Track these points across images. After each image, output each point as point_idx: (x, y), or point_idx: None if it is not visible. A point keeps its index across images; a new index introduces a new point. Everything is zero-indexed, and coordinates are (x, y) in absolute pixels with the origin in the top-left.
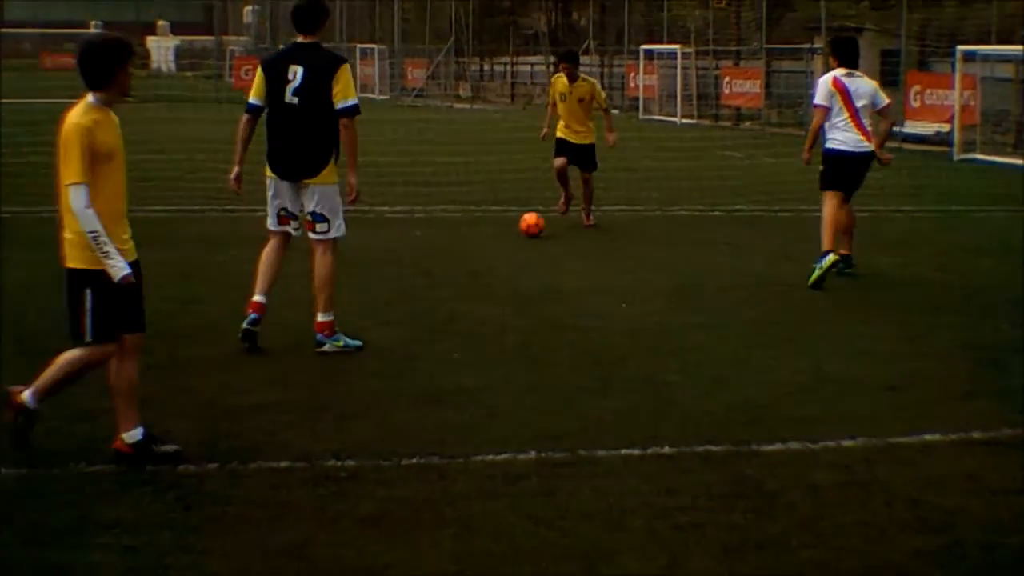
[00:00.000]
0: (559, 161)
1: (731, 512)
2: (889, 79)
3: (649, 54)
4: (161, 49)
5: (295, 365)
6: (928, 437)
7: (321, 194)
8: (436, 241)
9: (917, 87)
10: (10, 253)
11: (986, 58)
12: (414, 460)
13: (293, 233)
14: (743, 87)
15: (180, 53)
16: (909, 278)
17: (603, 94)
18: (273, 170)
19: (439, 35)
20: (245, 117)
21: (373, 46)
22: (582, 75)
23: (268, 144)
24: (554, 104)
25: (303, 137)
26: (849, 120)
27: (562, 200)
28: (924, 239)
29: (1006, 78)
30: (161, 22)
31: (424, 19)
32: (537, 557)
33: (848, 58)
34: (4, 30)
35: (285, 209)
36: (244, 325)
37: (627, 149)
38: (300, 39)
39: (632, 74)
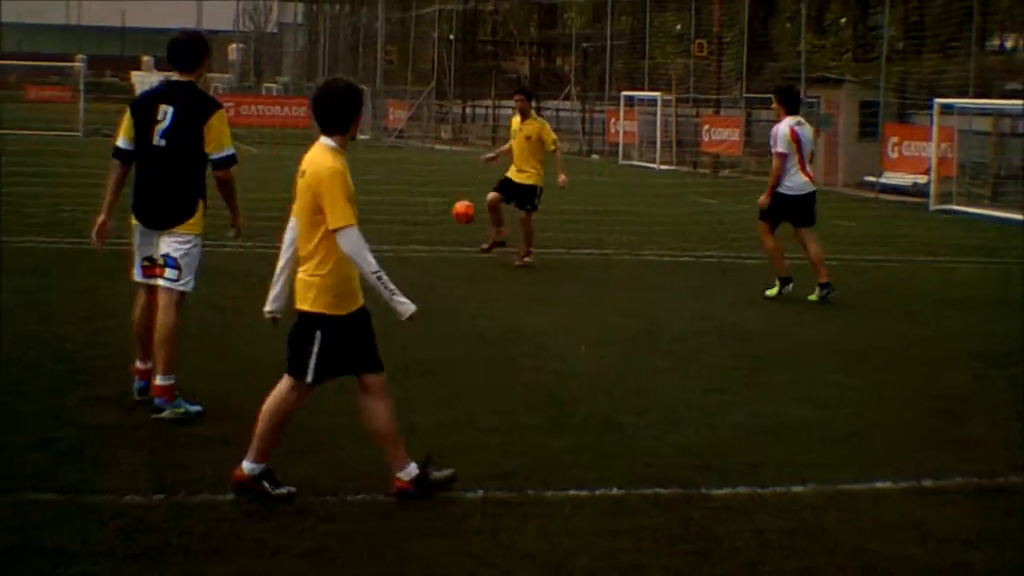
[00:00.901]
0: (492, 195)
1: (674, 555)
2: (868, 130)
3: (630, 100)
4: (145, 84)
5: (246, 398)
6: (879, 485)
7: (177, 242)
8: (403, 280)
9: (895, 138)
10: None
11: (964, 111)
12: (359, 496)
13: (154, 283)
14: (722, 135)
15: None
16: (874, 327)
17: (552, 135)
18: (137, 217)
19: (421, 77)
20: (116, 163)
21: None
22: (533, 115)
23: (134, 188)
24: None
25: (170, 183)
26: (798, 165)
27: (491, 235)
28: (892, 289)
29: (984, 131)
30: (146, 57)
31: (407, 61)
32: None
33: (795, 106)
34: None
35: (150, 258)
36: (136, 395)
37: (604, 194)
38: (175, 77)
39: (613, 120)
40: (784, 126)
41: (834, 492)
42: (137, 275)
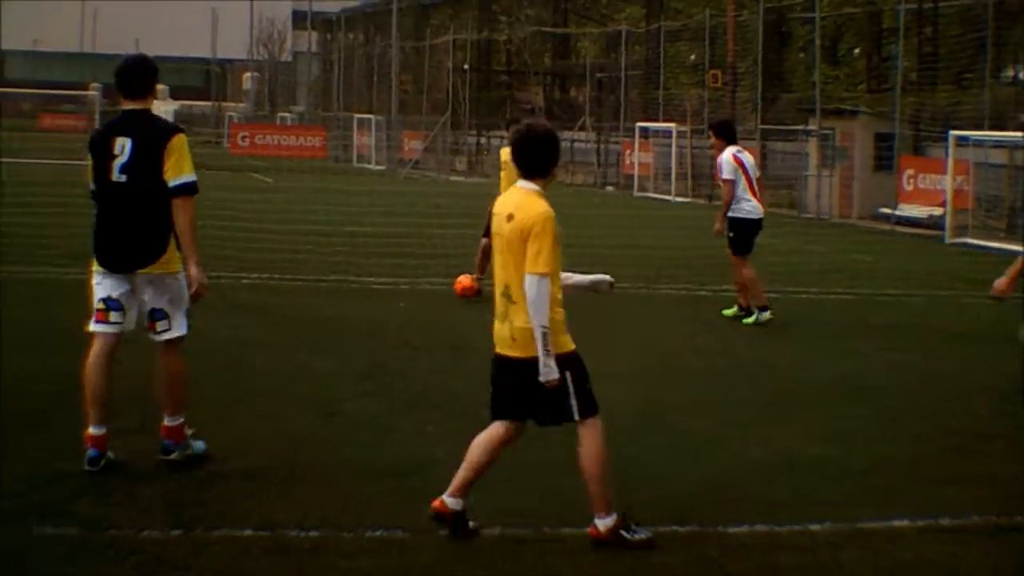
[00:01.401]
0: (484, 242)
1: None
2: (883, 163)
3: (645, 132)
4: (160, 113)
5: (266, 432)
6: (896, 523)
7: (159, 286)
8: (419, 313)
9: (911, 171)
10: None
11: (980, 143)
12: (378, 532)
13: (112, 331)
14: None
15: (179, 117)
16: (891, 362)
17: None
18: (100, 262)
19: (436, 107)
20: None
21: (370, 116)
22: None
23: (95, 230)
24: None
25: (133, 220)
26: (747, 189)
27: (474, 279)
28: (909, 323)
29: (1000, 164)
30: (161, 86)
31: (422, 91)
32: None
33: (732, 137)
34: (3, 89)
35: (107, 299)
36: (86, 465)
37: (619, 226)
38: (127, 105)
39: (627, 151)
40: (727, 154)
41: (851, 530)
42: (92, 323)
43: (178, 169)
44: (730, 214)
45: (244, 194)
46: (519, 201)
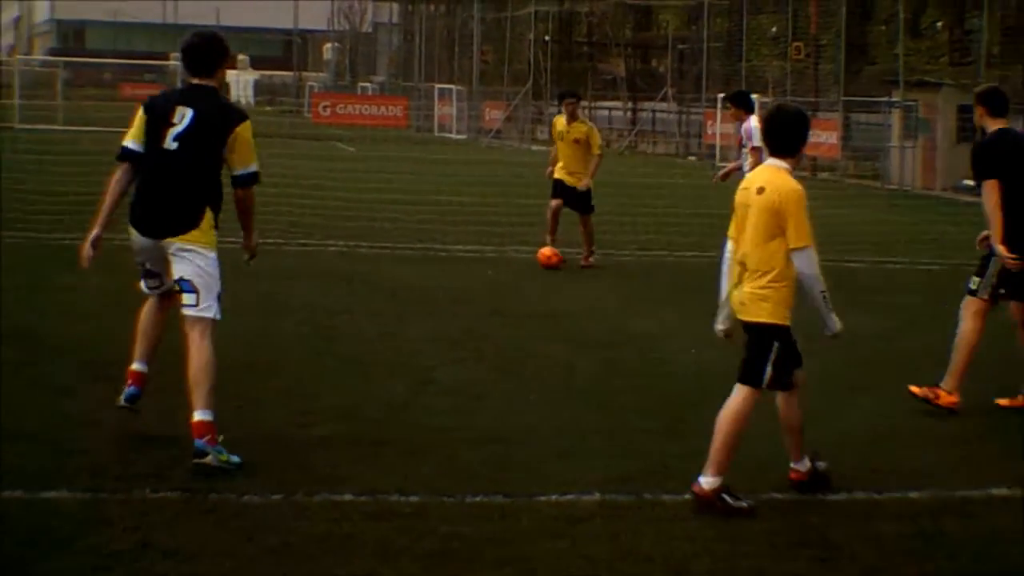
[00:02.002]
0: (555, 202)
1: (794, 560)
2: (966, 135)
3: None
4: (240, 83)
5: (361, 400)
6: (995, 491)
7: (187, 258)
8: (507, 281)
9: None
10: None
11: None
12: (478, 498)
13: (155, 294)
14: (820, 138)
15: (259, 87)
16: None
17: (599, 139)
18: (134, 226)
19: (517, 78)
20: (122, 166)
21: (452, 87)
22: (581, 116)
23: (134, 195)
24: (555, 144)
25: (176, 190)
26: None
27: (548, 242)
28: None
29: None
30: (241, 56)
31: (503, 61)
32: None
33: (751, 106)
34: (85, 59)
35: (147, 270)
36: (122, 401)
37: (703, 196)
38: (194, 81)
39: (709, 122)
40: (754, 122)
41: (950, 498)
42: (144, 287)
43: (245, 158)
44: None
45: (328, 163)
46: (769, 177)
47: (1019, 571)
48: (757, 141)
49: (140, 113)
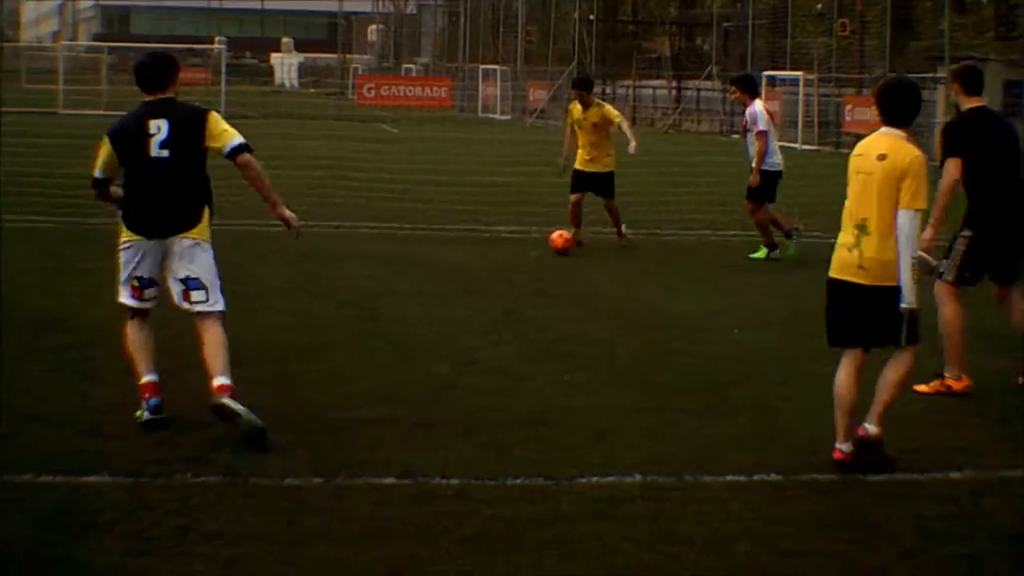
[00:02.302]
0: (575, 196)
1: (834, 541)
2: (1012, 110)
3: (772, 80)
4: (284, 65)
5: (403, 381)
6: None
7: (193, 254)
8: (549, 261)
9: None
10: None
11: None
12: (519, 480)
13: (149, 306)
14: (865, 115)
15: (303, 70)
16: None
17: (613, 111)
18: (136, 230)
19: (562, 57)
20: (95, 194)
21: (496, 67)
22: (595, 100)
23: (130, 205)
24: (572, 133)
25: (174, 190)
26: (775, 142)
27: (571, 234)
28: None
29: None
30: (285, 39)
31: (547, 41)
32: None
33: (757, 91)
34: (128, 44)
35: (140, 278)
36: (146, 415)
37: (747, 174)
38: (150, 98)
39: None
40: (759, 106)
41: (993, 478)
42: (126, 297)
43: (224, 137)
44: (765, 167)
45: (373, 144)
46: (891, 144)
47: None
48: (763, 125)
49: (105, 144)
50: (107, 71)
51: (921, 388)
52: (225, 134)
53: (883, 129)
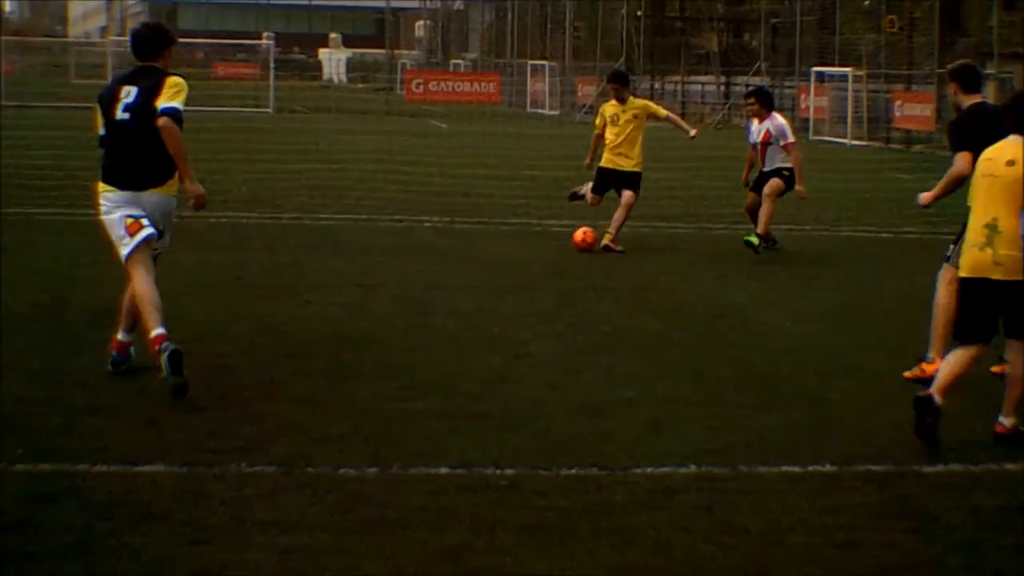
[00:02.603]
0: (594, 199)
1: (890, 532)
2: None
3: (820, 76)
4: (332, 61)
5: (456, 373)
6: None
7: (162, 207)
8: (601, 255)
9: None
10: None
11: None
12: (573, 471)
13: (156, 244)
14: (914, 111)
15: (351, 65)
16: None
17: (657, 106)
18: (112, 183)
19: (610, 53)
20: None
21: (544, 63)
22: (630, 96)
23: (105, 161)
24: (600, 136)
25: (140, 151)
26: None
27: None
28: None
29: None
30: (333, 34)
31: (595, 37)
32: (694, 571)
33: (772, 103)
34: (177, 39)
35: (131, 215)
36: (167, 370)
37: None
38: (139, 64)
39: (803, 95)
40: (782, 119)
41: None
42: (127, 244)
43: (168, 98)
44: (787, 165)
45: (422, 139)
46: (1019, 151)
47: None
48: (791, 137)
49: (95, 106)
50: None
51: (908, 374)
52: (167, 96)
53: (1012, 137)
